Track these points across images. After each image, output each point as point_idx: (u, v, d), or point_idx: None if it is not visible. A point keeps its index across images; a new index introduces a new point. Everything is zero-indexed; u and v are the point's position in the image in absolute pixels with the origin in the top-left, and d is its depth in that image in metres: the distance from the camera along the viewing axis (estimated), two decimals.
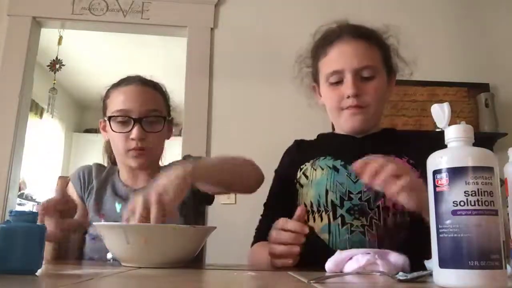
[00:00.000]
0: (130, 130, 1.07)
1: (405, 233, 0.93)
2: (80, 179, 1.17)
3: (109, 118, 1.09)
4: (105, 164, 1.25)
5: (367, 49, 1.01)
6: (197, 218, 1.16)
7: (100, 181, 1.16)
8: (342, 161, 1.01)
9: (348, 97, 0.99)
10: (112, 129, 1.09)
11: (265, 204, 1.13)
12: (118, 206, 1.10)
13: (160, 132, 1.11)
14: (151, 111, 1.10)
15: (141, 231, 0.73)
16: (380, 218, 0.94)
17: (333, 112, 1.05)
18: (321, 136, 1.16)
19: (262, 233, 1.05)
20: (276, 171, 1.17)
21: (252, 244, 1.09)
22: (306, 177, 1.04)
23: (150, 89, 1.14)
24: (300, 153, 1.12)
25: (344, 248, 0.87)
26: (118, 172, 1.18)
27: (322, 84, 1.07)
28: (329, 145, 1.09)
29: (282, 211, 1.02)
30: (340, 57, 1.01)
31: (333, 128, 1.14)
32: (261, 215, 1.13)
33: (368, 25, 1.07)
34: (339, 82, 1.01)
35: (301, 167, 1.06)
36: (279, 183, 1.13)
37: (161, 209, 0.76)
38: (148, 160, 1.11)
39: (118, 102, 1.09)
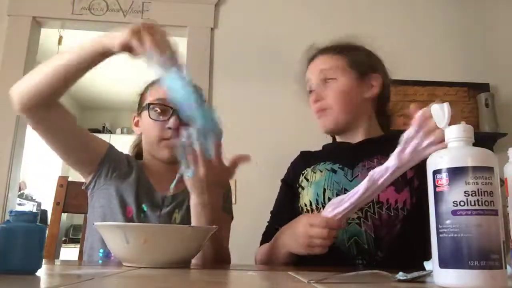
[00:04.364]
0: (168, 119, 1.08)
1: (401, 225, 0.98)
2: (120, 156, 1.14)
3: (148, 105, 1.11)
4: None
5: (327, 57, 1.14)
6: None
7: (138, 170, 1.14)
8: (340, 165, 1.09)
9: (314, 102, 1.13)
10: (150, 117, 1.10)
11: (271, 212, 1.18)
12: (144, 207, 1.09)
13: None
14: None
15: (140, 231, 0.73)
16: (375, 211, 1.00)
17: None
18: (324, 146, 1.24)
19: (268, 239, 1.10)
20: (282, 180, 1.22)
21: (259, 248, 1.12)
22: (307, 180, 1.11)
23: None
24: (303, 162, 1.19)
25: (341, 239, 0.99)
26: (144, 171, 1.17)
27: None
28: (329, 153, 1.17)
29: (287, 219, 1.08)
30: (309, 71, 1.17)
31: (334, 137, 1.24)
32: (268, 222, 1.17)
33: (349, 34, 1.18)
34: (311, 91, 1.15)
35: (303, 172, 1.14)
36: (285, 192, 1.19)
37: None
38: None
39: (159, 92, 1.11)
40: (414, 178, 1.02)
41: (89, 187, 1.12)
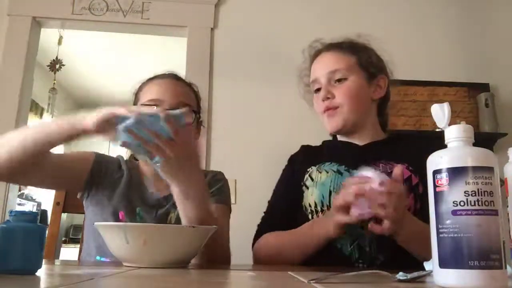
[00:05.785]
0: None
1: None
2: (108, 164, 1.12)
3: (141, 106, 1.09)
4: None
5: (338, 55, 1.12)
6: None
7: (129, 173, 1.12)
8: (345, 167, 1.08)
9: (323, 100, 1.10)
10: None
11: (269, 202, 1.18)
12: (138, 211, 1.07)
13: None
14: (182, 104, 1.09)
15: (140, 231, 0.73)
16: None
17: (319, 117, 1.15)
18: (326, 143, 1.22)
19: (263, 230, 1.11)
20: (283, 170, 1.21)
21: (255, 237, 1.11)
22: (312, 179, 1.09)
23: (184, 84, 1.16)
24: (306, 157, 1.18)
25: (344, 243, 0.99)
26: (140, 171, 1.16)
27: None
28: (333, 152, 1.15)
29: (284, 211, 1.11)
30: (317, 68, 1.14)
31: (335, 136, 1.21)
32: (264, 212, 1.16)
33: (351, 33, 1.18)
34: (319, 89, 1.12)
35: (308, 170, 1.12)
36: (284, 183, 1.18)
37: None
38: None
39: (151, 93, 1.10)
40: (419, 184, 1.01)
41: (83, 198, 1.11)
